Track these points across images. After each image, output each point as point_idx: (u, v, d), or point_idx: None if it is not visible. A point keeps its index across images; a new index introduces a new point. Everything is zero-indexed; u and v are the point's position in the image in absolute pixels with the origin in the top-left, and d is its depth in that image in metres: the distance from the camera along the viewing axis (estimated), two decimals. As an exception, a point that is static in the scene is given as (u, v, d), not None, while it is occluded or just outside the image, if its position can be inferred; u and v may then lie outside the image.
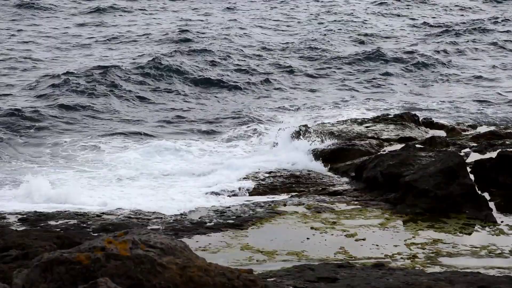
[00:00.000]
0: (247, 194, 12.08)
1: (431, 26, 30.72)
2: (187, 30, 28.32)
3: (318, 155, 13.83)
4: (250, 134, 16.64)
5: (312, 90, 21.57)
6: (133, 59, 23.61)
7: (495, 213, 10.31)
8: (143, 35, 28.37)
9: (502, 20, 31.24)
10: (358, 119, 17.25)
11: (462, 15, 33.69)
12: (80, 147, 15.24)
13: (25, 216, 10.43)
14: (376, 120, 16.63)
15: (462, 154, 12.87)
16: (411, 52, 25.48)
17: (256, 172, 13.44)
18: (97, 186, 12.51)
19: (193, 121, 17.97)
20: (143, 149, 15.05)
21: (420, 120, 16.99)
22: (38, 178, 11.95)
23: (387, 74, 23.33)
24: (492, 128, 16.53)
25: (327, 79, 22.96)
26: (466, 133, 16.35)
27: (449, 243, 9.17)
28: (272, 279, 6.72)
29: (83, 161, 14.31)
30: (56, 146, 15.36)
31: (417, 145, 13.22)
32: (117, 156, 14.55)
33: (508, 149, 12.19)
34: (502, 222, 10.06)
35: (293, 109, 19.23)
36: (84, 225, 9.99)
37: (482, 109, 19.05)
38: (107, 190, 12.18)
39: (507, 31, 29.47)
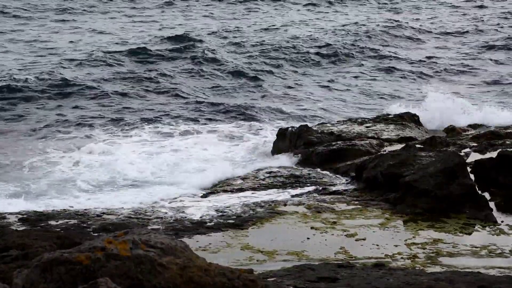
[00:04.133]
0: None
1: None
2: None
3: (318, 155, 13.84)
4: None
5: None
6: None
7: (495, 213, 10.31)
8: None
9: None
10: (359, 119, 17.27)
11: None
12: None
13: (25, 216, 10.43)
14: (376, 120, 16.63)
15: (462, 154, 12.86)
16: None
17: (256, 172, 13.45)
18: None
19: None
20: None
21: (420, 120, 17.00)
22: None
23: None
24: (492, 128, 16.54)
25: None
26: (466, 133, 16.35)
27: (449, 243, 9.17)
28: (272, 279, 6.72)
29: None
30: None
31: (417, 145, 13.22)
32: None
33: (508, 149, 12.18)
34: (502, 222, 10.06)
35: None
36: (84, 225, 9.99)
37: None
38: None
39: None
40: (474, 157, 12.83)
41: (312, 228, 9.74)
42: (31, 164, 14.85)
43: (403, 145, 13.27)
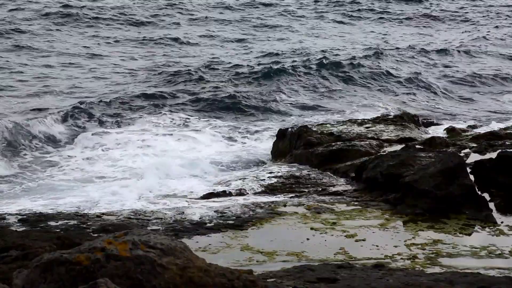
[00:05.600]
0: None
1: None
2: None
3: (318, 155, 13.84)
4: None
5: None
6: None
7: (495, 214, 10.31)
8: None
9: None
10: (358, 119, 17.27)
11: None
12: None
13: (25, 216, 10.43)
14: (376, 120, 16.65)
15: (462, 154, 12.87)
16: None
17: (256, 172, 13.46)
18: None
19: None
20: None
21: (420, 120, 17.03)
22: None
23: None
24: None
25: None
26: (466, 133, 16.36)
27: (449, 244, 9.16)
28: (272, 280, 6.72)
29: None
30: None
31: (417, 146, 13.23)
32: None
33: (508, 150, 12.19)
34: (502, 222, 10.06)
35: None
36: (84, 225, 9.98)
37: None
38: None
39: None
40: (474, 157, 12.84)
41: (311, 228, 9.74)
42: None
43: (402, 145, 13.29)
